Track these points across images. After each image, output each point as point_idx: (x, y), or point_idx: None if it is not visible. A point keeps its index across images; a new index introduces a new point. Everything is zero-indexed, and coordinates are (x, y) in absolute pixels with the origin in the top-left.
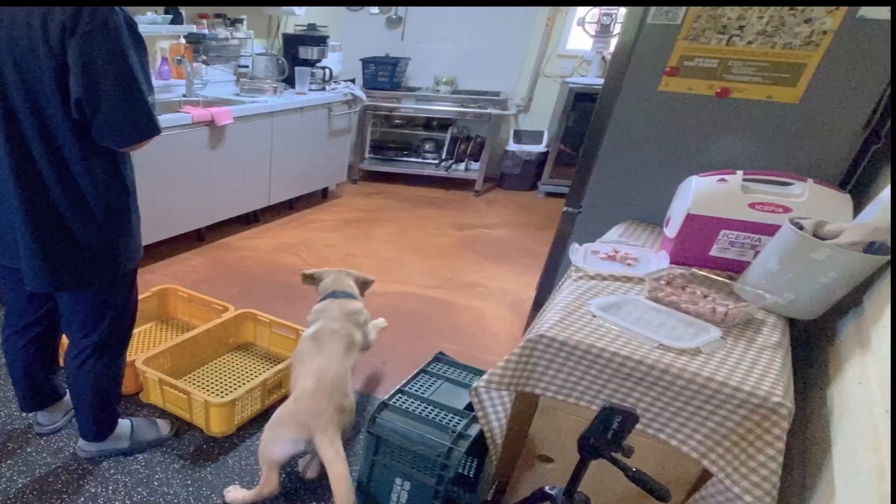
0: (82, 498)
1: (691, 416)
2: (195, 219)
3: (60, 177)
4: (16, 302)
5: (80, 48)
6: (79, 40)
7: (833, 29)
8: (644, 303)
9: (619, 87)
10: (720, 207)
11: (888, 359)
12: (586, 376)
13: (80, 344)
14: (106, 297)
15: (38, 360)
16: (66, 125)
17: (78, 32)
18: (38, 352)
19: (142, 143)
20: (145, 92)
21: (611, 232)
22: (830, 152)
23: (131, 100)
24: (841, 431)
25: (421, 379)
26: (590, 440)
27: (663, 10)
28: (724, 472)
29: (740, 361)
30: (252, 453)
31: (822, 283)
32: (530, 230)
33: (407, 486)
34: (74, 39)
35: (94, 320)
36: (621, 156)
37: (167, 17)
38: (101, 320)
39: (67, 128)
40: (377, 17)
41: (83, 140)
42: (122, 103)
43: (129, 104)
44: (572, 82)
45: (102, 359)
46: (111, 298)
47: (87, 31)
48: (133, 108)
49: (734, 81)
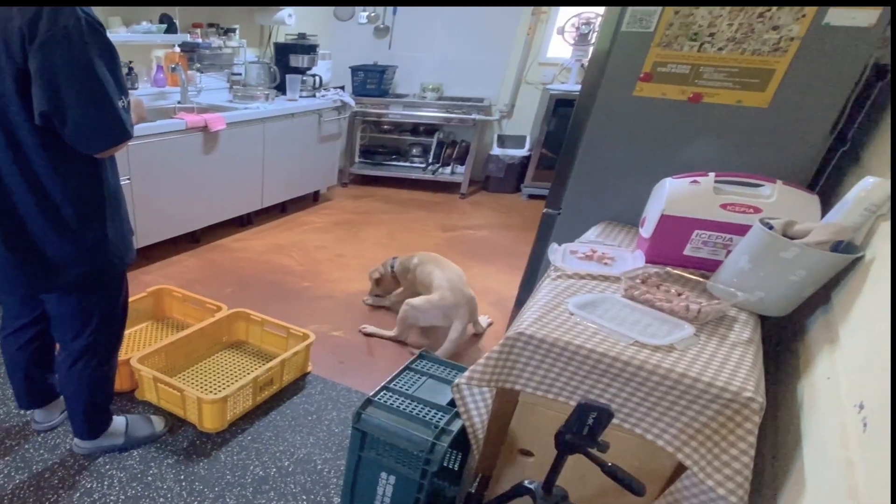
0: (78, 493)
1: (666, 410)
2: (190, 221)
3: (29, 187)
4: (11, 304)
5: (40, 58)
6: (38, 49)
7: (800, 36)
8: (620, 301)
9: (596, 92)
10: (693, 208)
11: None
12: (564, 373)
13: (69, 347)
14: (91, 303)
15: (34, 360)
16: (32, 134)
17: (37, 41)
18: (34, 352)
19: (115, 148)
20: (114, 97)
21: (588, 232)
22: (798, 155)
23: (100, 108)
24: (811, 425)
25: (405, 376)
26: (566, 436)
27: (637, 18)
28: (698, 466)
29: (713, 357)
30: (244, 448)
31: (792, 281)
32: (514, 231)
33: (392, 480)
34: (34, 48)
35: (81, 325)
36: (598, 159)
37: (161, 27)
38: (88, 325)
39: (33, 137)
40: (366, 27)
41: (51, 149)
42: (90, 112)
43: (98, 112)
44: (553, 89)
45: (91, 362)
46: (96, 303)
47: (46, 39)
48: (102, 115)
49: (706, 87)
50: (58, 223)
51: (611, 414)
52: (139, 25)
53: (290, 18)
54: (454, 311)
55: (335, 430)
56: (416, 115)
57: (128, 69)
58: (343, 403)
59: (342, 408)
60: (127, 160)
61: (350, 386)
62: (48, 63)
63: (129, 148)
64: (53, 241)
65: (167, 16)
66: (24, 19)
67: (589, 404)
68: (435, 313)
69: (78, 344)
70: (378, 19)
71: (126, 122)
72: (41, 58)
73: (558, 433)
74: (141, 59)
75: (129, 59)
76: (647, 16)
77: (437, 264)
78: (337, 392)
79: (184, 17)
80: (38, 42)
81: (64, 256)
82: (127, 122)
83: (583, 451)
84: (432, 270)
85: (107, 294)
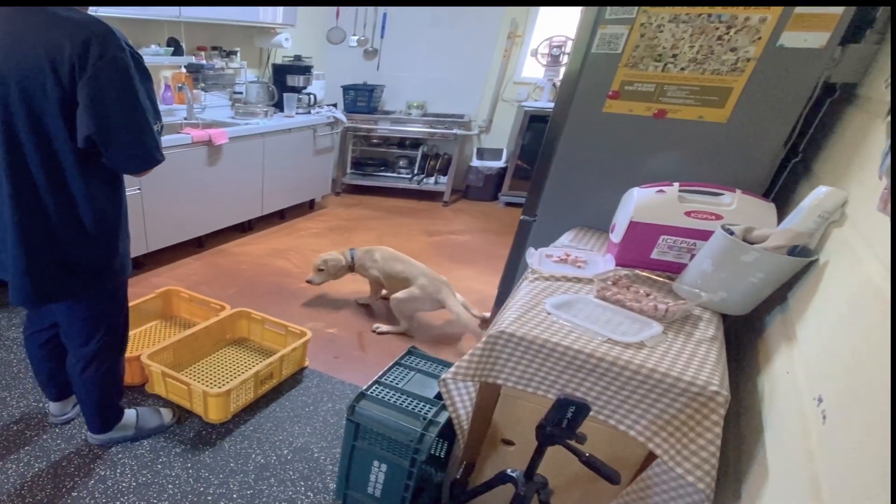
0: (93, 480)
1: (637, 403)
2: (196, 227)
3: (60, 202)
4: (32, 310)
5: (90, 86)
6: (89, 79)
7: (756, 56)
8: (593, 301)
9: (568, 109)
10: (659, 215)
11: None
12: (542, 368)
13: (79, 353)
14: (99, 310)
15: (53, 358)
16: (72, 155)
17: (88, 70)
18: (53, 351)
19: (151, 170)
20: (153, 123)
21: (562, 238)
22: (755, 166)
23: (141, 133)
24: (772, 417)
25: (395, 371)
26: (546, 428)
27: (605, 41)
28: (668, 455)
29: (680, 353)
30: (246, 438)
31: (751, 283)
32: (492, 236)
33: (384, 468)
34: (85, 77)
35: (90, 332)
36: (571, 170)
37: (169, 49)
38: (97, 332)
39: (72, 157)
40: (356, 50)
41: (86, 167)
42: (133, 137)
43: (140, 137)
44: (527, 106)
45: (102, 366)
46: (103, 311)
47: (96, 70)
48: (143, 140)
49: (669, 103)
50: (81, 235)
51: (588, 408)
52: (148, 48)
53: (287, 41)
54: (439, 293)
55: (330, 421)
56: (402, 129)
57: None
58: (338, 396)
59: (337, 400)
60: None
61: (344, 379)
62: (97, 89)
63: None
64: (74, 252)
65: (174, 39)
66: (74, 52)
67: (568, 399)
68: (423, 299)
69: (88, 350)
70: (367, 42)
71: (160, 147)
72: (93, 86)
73: (539, 426)
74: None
75: None
76: (614, 38)
77: (401, 261)
78: (332, 385)
79: (189, 40)
80: (90, 72)
81: (81, 267)
82: (160, 147)
83: (562, 443)
84: (402, 268)
85: (113, 302)
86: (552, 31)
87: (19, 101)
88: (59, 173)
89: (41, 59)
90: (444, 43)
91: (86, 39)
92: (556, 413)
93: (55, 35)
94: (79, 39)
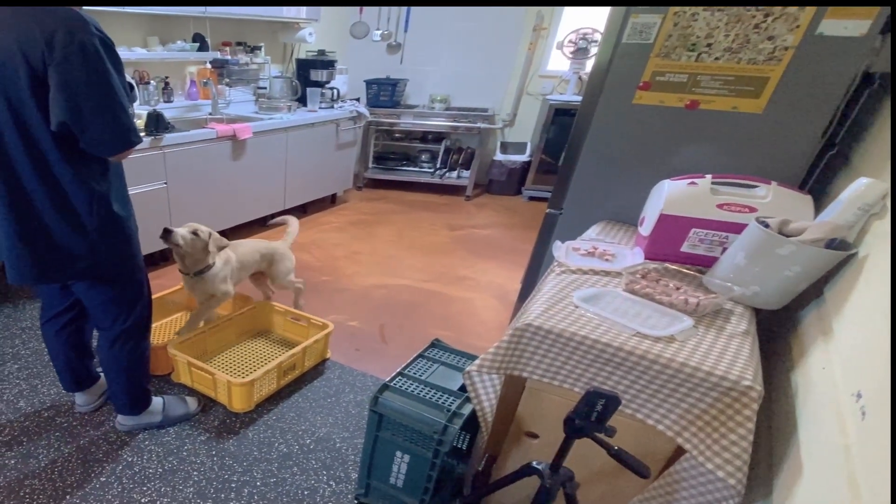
0: (120, 466)
1: (666, 397)
2: (219, 221)
3: (48, 186)
4: (47, 294)
5: (59, 71)
6: (59, 64)
7: (794, 45)
8: (621, 295)
9: (597, 101)
10: (691, 208)
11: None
12: (570, 361)
13: (107, 332)
14: (116, 293)
15: (71, 345)
16: (52, 141)
17: (56, 55)
18: (70, 337)
19: (128, 152)
20: (127, 106)
21: (589, 231)
22: (791, 158)
23: (115, 115)
24: (807, 413)
25: (419, 363)
26: (575, 421)
27: (637, 30)
28: (698, 450)
29: (712, 348)
30: (269, 427)
31: (786, 277)
32: (515, 230)
33: (406, 459)
34: (54, 63)
35: (115, 312)
36: (599, 162)
37: (195, 45)
38: (120, 313)
39: (52, 143)
40: (379, 44)
41: (69, 153)
42: (107, 119)
43: (114, 119)
44: (552, 99)
45: (128, 344)
46: (121, 294)
47: (66, 54)
48: (118, 122)
49: (702, 94)
50: (75, 220)
51: (619, 401)
52: (174, 44)
53: (311, 36)
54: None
55: (352, 412)
56: (425, 123)
57: (164, 84)
58: (359, 387)
59: (358, 391)
60: (164, 165)
61: (365, 371)
62: (68, 76)
63: (165, 154)
64: (69, 236)
65: (199, 35)
66: (44, 34)
67: (598, 392)
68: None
69: (116, 328)
70: (391, 37)
71: (136, 129)
72: (61, 71)
73: (567, 418)
74: (176, 74)
75: (166, 74)
76: (646, 28)
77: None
78: (353, 377)
79: (214, 36)
80: (58, 57)
81: (73, 247)
82: (136, 129)
83: (590, 436)
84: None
85: (131, 283)
86: (579, 23)
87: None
88: (42, 159)
89: (13, 48)
90: (468, 36)
91: (55, 25)
92: (585, 406)
93: (26, 23)
94: (49, 26)
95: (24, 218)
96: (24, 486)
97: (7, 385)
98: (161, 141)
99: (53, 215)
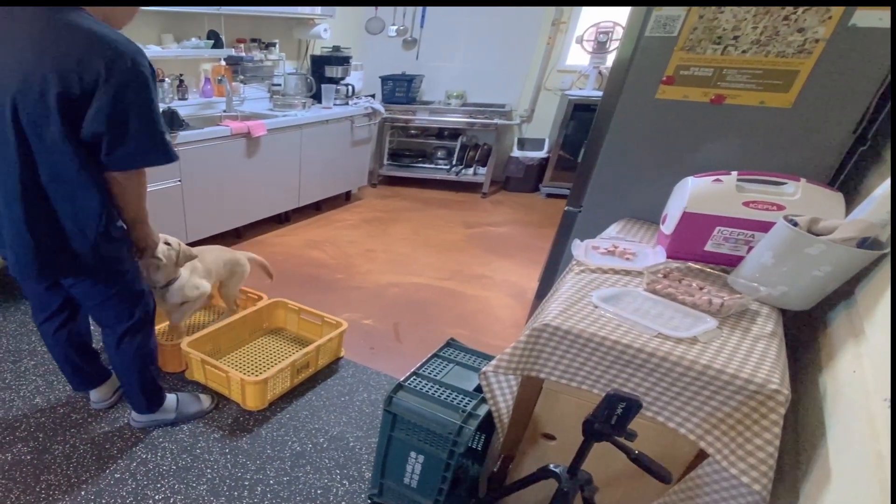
0: (134, 463)
1: (689, 400)
2: (234, 219)
3: (62, 194)
4: (35, 295)
5: (114, 92)
6: (115, 85)
7: (825, 37)
8: (642, 294)
9: (618, 95)
10: (715, 206)
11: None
12: (588, 362)
13: (114, 330)
14: (118, 290)
15: (71, 343)
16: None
17: (114, 79)
18: (68, 338)
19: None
20: (166, 129)
21: (609, 229)
22: (820, 154)
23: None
24: (835, 418)
25: (434, 362)
26: (594, 424)
27: (661, 23)
28: (721, 454)
29: (736, 350)
30: (283, 425)
31: (816, 277)
32: (532, 228)
33: (421, 459)
34: (110, 84)
35: (119, 309)
36: (620, 159)
37: (209, 42)
38: (125, 309)
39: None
40: (395, 40)
41: (87, 162)
42: (147, 137)
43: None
44: (571, 95)
45: (136, 339)
46: (123, 291)
47: (125, 80)
48: (156, 139)
49: (728, 88)
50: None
51: (640, 405)
52: (189, 41)
53: (326, 33)
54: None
55: (366, 411)
56: (441, 120)
57: (179, 81)
58: (373, 386)
59: (372, 390)
60: (178, 164)
61: (379, 370)
62: (121, 97)
63: (180, 152)
64: (73, 235)
65: (214, 32)
66: (102, 58)
67: (618, 395)
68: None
69: (121, 326)
70: (406, 32)
71: (170, 147)
72: (115, 92)
73: (586, 421)
74: (191, 71)
75: (180, 72)
76: (670, 21)
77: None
78: (367, 375)
79: (229, 33)
80: (116, 80)
81: (77, 247)
82: (171, 147)
83: (610, 440)
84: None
85: (130, 281)
86: (599, 17)
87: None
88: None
89: (44, 65)
90: (485, 31)
91: (114, 53)
92: (605, 409)
93: (66, 44)
94: (108, 52)
95: (36, 216)
96: (39, 481)
97: (24, 381)
98: (175, 139)
99: (65, 216)
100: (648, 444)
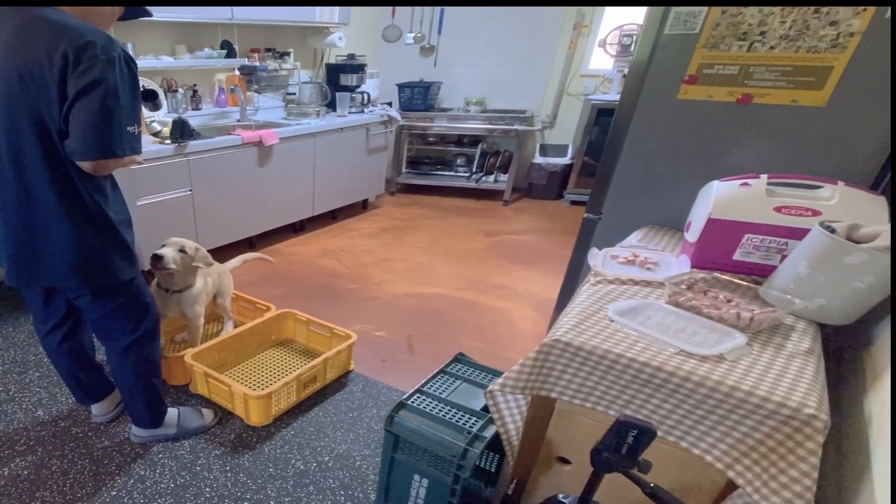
0: (132, 480)
1: (715, 425)
2: (246, 228)
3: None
4: (36, 308)
5: (80, 79)
6: (81, 73)
7: (861, 31)
8: (664, 307)
9: (637, 98)
10: (744, 211)
11: None
12: (603, 381)
13: (117, 344)
14: (120, 304)
15: (73, 356)
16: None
17: (81, 66)
18: (70, 351)
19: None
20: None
21: (630, 237)
22: (859, 155)
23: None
24: (881, 446)
25: (440, 379)
26: (602, 453)
27: (681, 20)
28: (752, 486)
29: (768, 369)
30: (287, 442)
31: (857, 288)
32: (555, 236)
33: (425, 483)
34: (77, 72)
35: (122, 323)
36: (640, 163)
37: (222, 52)
38: (128, 323)
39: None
40: (412, 47)
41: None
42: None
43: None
44: (594, 99)
45: (141, 353)
46: (125, 304)
47: (89, 65)
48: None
49: (756, 87)
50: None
51: (653, 433)
52: (202, 51)
53: (341, 41)
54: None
55: (375, 428)
56: (460, 127)
57: (192, 91)
58: (384, 401)
59: (382, 406)
60: (188, 172)
61: (390, 384)
62: (87, 85)
63: (190, 161)
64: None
65: (227, 42)
66: (72, 47)
67: (628, 422)
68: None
69: (124, 340)
70: (424, 39)
71: (133, 139)
72: (82, 79)
73: (594, 449)
74: (204, 82)
75: (194, 82)
76: (691, 17)
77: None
78: (378, 390)
79: (243, 43)
80: (84, 67)
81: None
82: (125, 142)
83: (621, 470)
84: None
85: (128, 296)
86: (623, 19)
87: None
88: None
89: (41, 59)
90: (504, 36)
91: (88, 40)
92: (614, 437)
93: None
94: (79, 38)
95: (30, 222)
96: (35, 497)
97: (27, 394)
98: (185, 148)
99: (58, 220)
100: (672, 473)
